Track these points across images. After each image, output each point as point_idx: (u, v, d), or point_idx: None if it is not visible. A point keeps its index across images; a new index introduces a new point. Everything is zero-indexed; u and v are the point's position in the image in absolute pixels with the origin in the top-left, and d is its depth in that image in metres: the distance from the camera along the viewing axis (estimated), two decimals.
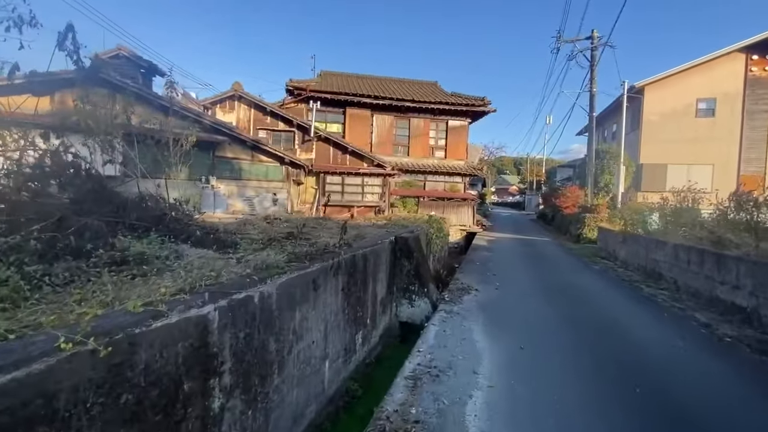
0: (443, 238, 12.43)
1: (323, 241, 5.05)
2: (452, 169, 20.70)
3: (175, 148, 10.23)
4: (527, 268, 10.62)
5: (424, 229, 9.81)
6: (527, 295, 7.43)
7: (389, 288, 6.71)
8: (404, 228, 9.14)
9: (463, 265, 10.59)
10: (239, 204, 13.52)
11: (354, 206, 17.11)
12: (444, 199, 19.81)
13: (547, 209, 31.17)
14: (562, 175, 37.95)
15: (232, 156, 13.30)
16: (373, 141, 20.72)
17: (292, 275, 3.48)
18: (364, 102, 19.94)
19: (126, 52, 11.72)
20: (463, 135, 21.82)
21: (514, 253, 13.71)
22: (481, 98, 21.29)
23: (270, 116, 16.80)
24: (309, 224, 8.82)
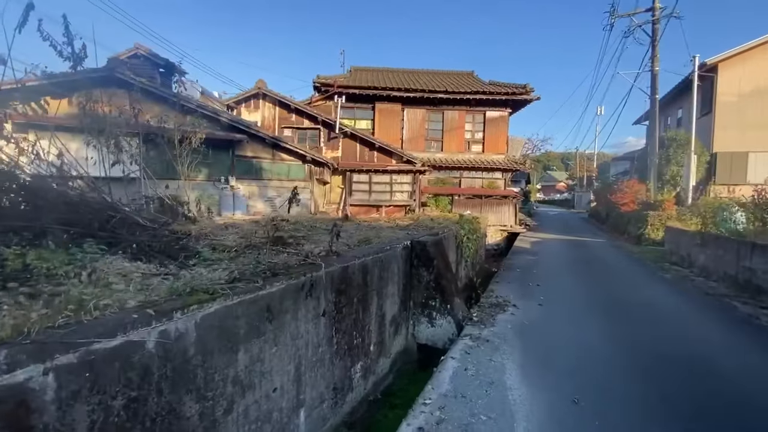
0: (478, 240, 11.01)
1: (308, 249, 3.99)
2: (491, 164, 19.01)
3: (183, 146, 9.72)
4: (579, 277, 8.96)
5: (453, 230, 8.51)
6: (580, 316, 5.91)
7: (404, 303, 5.54)
8: (429, 230, 7.91)
9: (501, 273, 9.13)
10: (260, 205, 12.92)
11: (382, 206, 16.05)
12: (481, 197, 18.19)
13: (600, 207, 28.31)
14: (617, 169, 34.50)
15: (252, 155, 12.72)
16: (404, 137, 19.53)
17: (229, 302, 2.43)
18: (394, 96, 18.82)
19: (144, 51, 11.48)
20: (502, 127, 20.03)
21: (562, 258, 11.93)
22: (523, 85, 19.40)
23: (295, 114, 16.17)
24: (319, 226, 7.86)
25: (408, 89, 18.88)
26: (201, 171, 12.05)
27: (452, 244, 8.40)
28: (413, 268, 5.71)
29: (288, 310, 2.99)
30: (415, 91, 18.92)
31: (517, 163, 19.63)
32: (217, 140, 11.91)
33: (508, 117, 20.14)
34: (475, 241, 10.62)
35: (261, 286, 2.70)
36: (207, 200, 12.05)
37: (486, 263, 15.37)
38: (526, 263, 10.48)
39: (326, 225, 8.54)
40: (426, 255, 5.65)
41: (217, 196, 12.09)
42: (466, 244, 8.83)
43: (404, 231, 7.94)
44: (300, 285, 3.08)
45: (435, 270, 5.60)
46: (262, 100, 15.99)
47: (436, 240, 6.16)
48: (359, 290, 4.18)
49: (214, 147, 12.10)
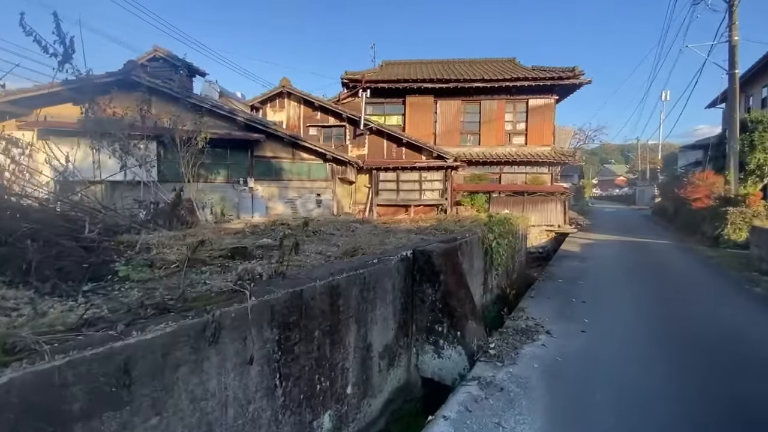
0: (514, 243, 9.60)
1: (250, 267, 3.09)
2: (535, 158, 17.21)
3: (187, 147, 9.34)
4: (637, 292, 7.29)
5: (480, 234, 7.27)
6: (640, 352, 4.41)
7: (402, 328, 4.50)
8: (447, 233, 6.77)
9: (540, 284, 7.71)
10: (280, 206, 12.41)
11: (411, 205, 14.99)
12: (524, 194, 16.48)
13: (666, 202, 25.05)
14: (687, 159, 30.44)
15: (271, 155, 12.24)
16: (437, 131, 18.28)
17: (42, 366, 1.58)
18: (425, 88, 17.65)
19: (162, 53, 11.37)
20: (548, 115, 18.10)
21: (617, 265, 10.12)
22: (571, 68, 17.36)
23: (319, 111, 15.58)
24: (325, 230, 7.02)
25: (440, 80, 17.61)
26: (219, 173, 11.76)
27: (477, 251, 7.18)
28: (415, 284, 4.65)
29: (182, 362, 2.11)
30: (448, 82, 17.60)
31: (565, 156, 17.62)
32: (234, 141, 11.55)
33: (554, 105, 18.17)
34: (510, 246, 9.24)
35: (117, 336, 1.83)
36: (225, 203, 11.74)
37: (528, 269, 13.75)
38: (572, 271, 8.91)
39: (336, 228, 7.69)
40: (431, 268, 4.56)
41: (236, 198, 11.73)
42: (496, 249, 7.55)
43: (421, 235, 6.87)
44: (202, 326, 2.19)
45: (442, 287, 4.50)
46: (287, 99, 15.57)
47: (447, 249, 5.03)
48: (325, 319, 3.22)
49: (232, 148, 11.76)
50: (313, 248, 4.76)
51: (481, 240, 7.34)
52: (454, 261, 5.00)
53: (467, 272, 6.68)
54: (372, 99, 18.55)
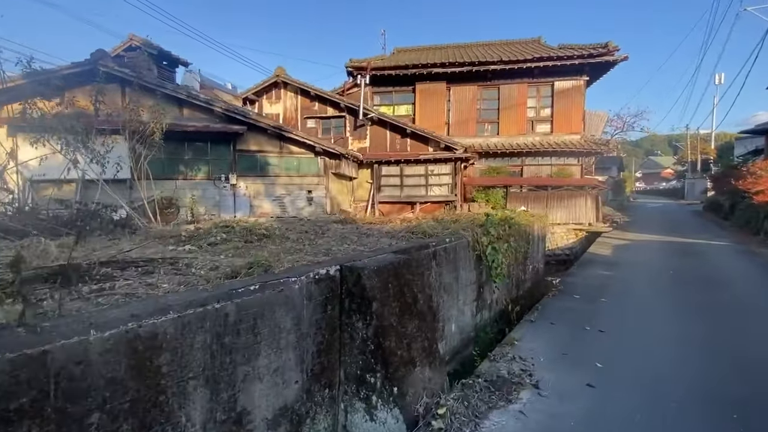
0: (524, 247, 7.96)
1: None
2: (561, 147, 15.21)
3: (142, 139, 8.40)
4: (680, 317, 5.50)
5: (469, 238, 5.78)
6: None
7: (321, 378, 3.17)
8: (425, 237, 5.35)
9: (548, 301, 6.10)
10: (267, 205, 11.37)
11: (417, 202, 13.52)
12: (547, 189, 14.57)
13: (720, 196, 21.96)
14: (746, 147, 26.77)
15: (256, 149, 11.21)
16: (451, 120, 16.65)
17: None
18: (436, 73, 16.05)
19: (138, 41, 10.58)
20: (577, 99, 15.99)
21: (656, 275, 8.21)
22: (604, 44, 15.18)
23: (317, 102, 14.41)
24: (282, 233, 5.89)
25: (452, 63, 15.95)
26: (200, 169, 10.86)
27: (466, 259, 5.70)
28: (344, 314, 3.30)
29: None
30: (462, 65, 15.92)
31: (597, 145, 15.47)
32: (214, 134, 10.59)
33: (584, 87, 16.03)
34: (517, 251, 7.62)
35: None
36: (206, 201, 10.83)
37: (550, 275, 11.93)
38: (595, 283, 7.17)
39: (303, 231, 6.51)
40: (360, 292, 3.20)
41: (218, 196, 10.79)
42: (493, 256, 6.02)
43: (392, 238, 5.51)
44: None
45: (374, 320, 3.12)
46: (283, 90, 14.53)
47: (390, 264, 3.61)
48: (119, 392, 1.96)
49: (212, 142, 10.82)
50: (208, 262, 3.54)
51: (472, 245, 5.85)
52: (401, 281, 3.60)
53: (449, 288, 5.25)
54: (379, 88, 17.20)
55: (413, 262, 4.08)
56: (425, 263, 4.62)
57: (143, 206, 10.37)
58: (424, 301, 3.97)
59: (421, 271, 4.50)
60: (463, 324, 5.70)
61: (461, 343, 5.64)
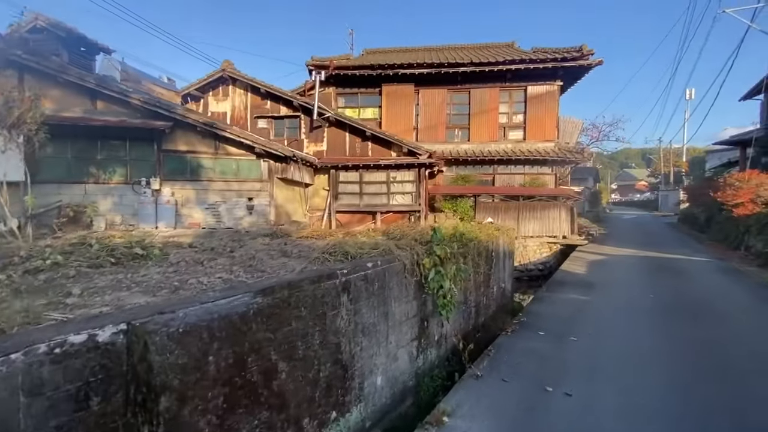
0: (484, 268, 6.73)
1: None
2: (535, 155, 14.28)
3: (14, 132, 6.82)
4: (674, 367, 4.22)
5: (408, 260, 4.47)
6: None
7: None
8: (348, 258, 4.01)
9: (504, 342, 4.80)
10: (198, 214, 9.83)
11: (378, 212, 12.22)
12: (518, 199, 13.53)
13: (696, 208, 21.57)
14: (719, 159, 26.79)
15: (186, 149, 9.70)
16: (419, 125, 15.55)
17: None
18: (404, 74, 14.97)
19: (44, 21, 8.99)
20: (550, 105, 15.16)
21: (635, 299, 7.09)
22: (578, 48, 14.42)
23: (269, 100, 13.02)
24: (168, 249, 4.53)
25: (421, 64, 14.90)
26: (116, 171, 9.26)
27: (400, 287, 4.38)
28: (129, 412, 1.93)
29: None
30: (431, 66, 14.88)
31: (571, 153, 14.60)
32: (133, 130, 9.04)
33: (557, 92, 15.22)
34: (477, 272, 6.37)
35: None
36: (123, 210, 9.23)
37: (521, 293, 10.77)
38: (565, 313, 5.96)
39: (209, 248, 5.11)
40: (147, 376, 1.83)
41: (136, 203, 9.20)
42: (438, 282, 4.71)
43: (304, 261, 4.16)
44: None
45: (166, 427, 1.77)
46: (231, 86, 13.09)
47: (227, 316, 2.22)
48: None
49: (132, 139, 9.26)
50: None
51: (410, 269, 4.54)
52: (245, 347, 2.23)
53: (372, 329, 3.92)
54: (344, 89, 16.00)
55: (287, 306, 2.73)
56: (328, 300, 3.27)
57: (44, 215, 8.72)
58: (312, 364, 2.61)
59: (320, 312, 3.15)
60: (395, 373, 4.36)
61: (393, 398, 4.29)
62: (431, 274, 4.69)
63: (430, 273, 4.68)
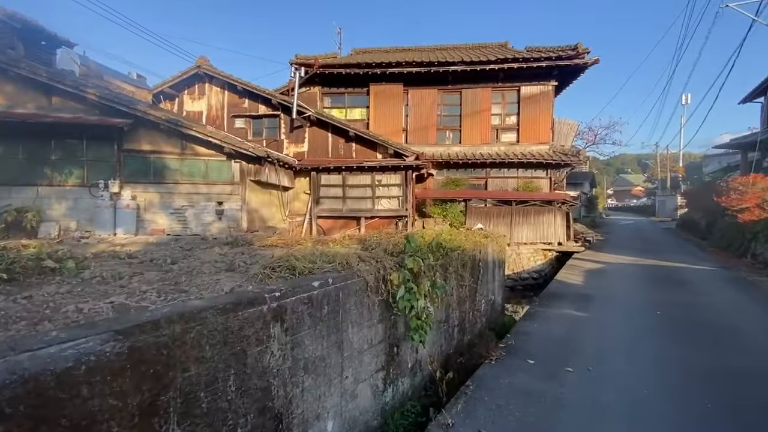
0: (468, 281, 5.99)
1: None
2: (528, 158, 13.60)
3: None
4: (695, 411, 3.50)
5: (372, 275, 3.72)
6: None
7: None
8: (291, 275, 3.25)
9: (486, 374, 4.00)
10: (163, 219, 9.03)
11: (362, 217, 11.46)
12: (511, 203, 12.82)
13: (695, 214, 20.96)
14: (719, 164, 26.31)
15: (149, 149, 8.93)
16: (409, 126, 14.86)
17: None
18: (392, 73, 14.31)
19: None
20: (544, 106, 14.52)
21: (639, 316, 6.34)
22: (573, 46, 13.81)
23: (247, 98, 12.29)
24: (103, 269, 3.71)
25: (410, 63, 14.25)
26: (72, 173, 8.47)
27: (360, 308, 3.62)
28: None
29: None
30: (420, 65, 14.23)
31: (566, 156, 13.93)
32: (90, 128, 8.27)
33: (552, 93, 14.59)
34: (461, 285, 5.63)
35: None
36: (79, 214, 8.42)
37: (515, 302, 10.01)
38: (559, 332, 5.22)
39: (158, 260, 4.36)
40: None
41: (93, 207, 8.40)
42: (408, 302, 3.96)
43: (242, 278, 3.41)
44: None
45: None
46: (207, 84, 12.35)
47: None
48: None
49: (89, 138, 8.48)
50: None
51: (374, 286, 3.78)
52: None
53: (320, 363, 3.14)
54: (330, 89, 15.31)
55: (181, 345, 1.95)
56: (250, 333, 2.51)
57: None
58: (223, 420, 1.84)
59: (237, 349, 2.38)
60: (353, 413, 3.57)
61: None
62: (400, 291, 3.92)
63: (399, 290, 3.92)
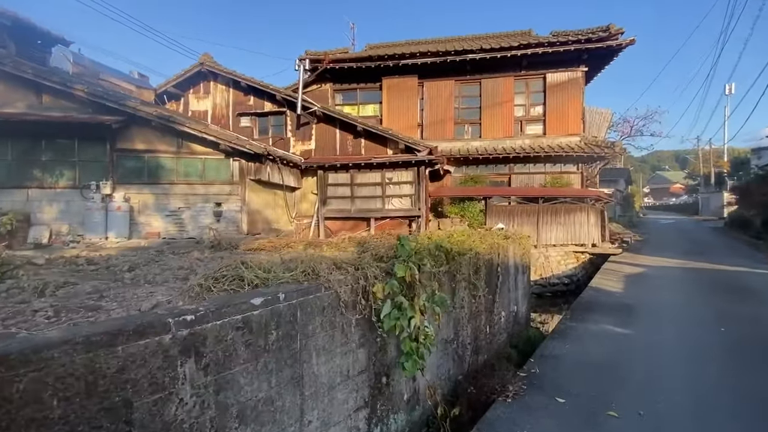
0: (488, 288, 5.03)
1: None
2: (557, 151, 12.40)
3: None
4: None
5: (340, 288, 2.89)
6: None
7: None
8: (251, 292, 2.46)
9: (498, 419, 3.10)
10: (158, 222, 8.55)
11: (371, 218, 10.64)
12: (538, 201, 11.64)
13: (748, 211, 18.85)
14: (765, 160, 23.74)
15: (144, 148, 8.48)
16: (425, 121, 13.95)
17: None
18: (407, 65, 13.45)
19: None
20: (574, 94, 13.25)
21: (697, 332, 5.16)
22: (604, 27, 12.51)
23: (253, 95, 11.77)
24: None
25: (425, 53, 13.37)
26: (63, 174, 8.10)
27: (330, 330, 2.79)
28: None
29: None
30: (436, 55, 13.32)
31: (600, 147, 12.59)
32: (81, 127, 7.88)
33: (582, 79, 13.31)
34: (474, 296, 4.70)
35: None
36: (70, 217, 8.05)
37: (544, 310, 8.89)
38: (596, 356, 4.16)
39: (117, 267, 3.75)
40: None
41: (84, 210, 8.00)
42: (395, 321, 3.08)
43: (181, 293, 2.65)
44: None
45: None
46: (212, 82, 11.92)
47: None
48: None
49: (81, 138, 8.11)
50: None
51: (350, 300, 2.94)
52: None
53: (262, 410, 2.31)
54: (342, 85, 14.62)
55: None
56: (140, 376, 1.73)
57: None
58: None
59: (116, 401, 1.60)
60: None
61: None
62: (386, 307, 3.05)
63: (383, 306, 3.06)
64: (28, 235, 7.71)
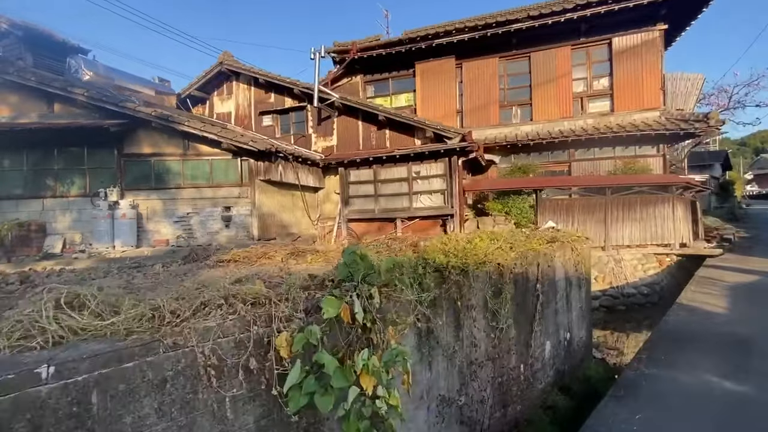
0: (521, 314, 3.54)
1: None
2: (630, 130, 10.11)
3: None
4: None
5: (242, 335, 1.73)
6: None
7: None
8: None
9: None
10: (166, 229, 8.11)
11: (398, 218, 9.36)
12: (605, 191, 9.46)
13: None
14: None
15: (150, 152, 8.08)
16: (464, 107, 12.32)
17: None
18: (442, 45, 11.98)
19: (5, 22, 8.14)
20: (650, 60, 10.78)
21: None
22: None
23: (273, 91, 11.10)
24: None
25: (462, 29, 11.78)
26: (74, 182, 7.95)
27: None
28: None
29: None
30: (475, 30, 11.67)
31: (687, 122, 10.01)
32: (89, 134, 7.67)
33: (661, 40, 10.79)
34: (469, 336, 3.26)
35: None
36: (81, 226, 7.87)
37: (613, 329, 6.95)
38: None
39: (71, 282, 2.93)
40: None
41: (92, 219, 7.78)
42: (312, 395, 1.85)
43: None
44: None
45: None
46: (235, 82, 11.47)
47: None
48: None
49: (89, 145, 7.91)
50: None
51: (231, 365, 1.74)
52: None
53: None
54: (372, 76, 13.54)
55: None
56: None
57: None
58: None
59: None
60: None
61: None
62: (292, 373, 1.80)
63: (290, 373, 1.81)
64: (44, 244, 7.63)
